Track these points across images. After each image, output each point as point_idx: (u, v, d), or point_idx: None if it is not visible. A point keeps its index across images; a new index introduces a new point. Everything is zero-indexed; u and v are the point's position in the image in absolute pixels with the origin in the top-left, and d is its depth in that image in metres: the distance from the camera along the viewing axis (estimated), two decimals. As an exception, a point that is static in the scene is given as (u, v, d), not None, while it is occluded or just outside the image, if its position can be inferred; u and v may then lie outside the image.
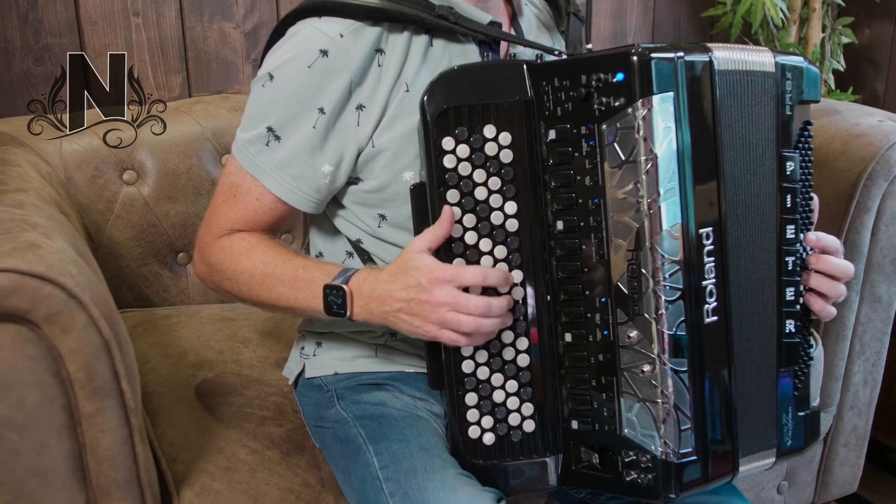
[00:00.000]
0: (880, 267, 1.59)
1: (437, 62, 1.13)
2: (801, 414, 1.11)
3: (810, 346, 1.13)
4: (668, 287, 0.97)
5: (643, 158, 0.96)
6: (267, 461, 1.21)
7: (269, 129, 1.11)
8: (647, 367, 0.99)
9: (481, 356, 1.04)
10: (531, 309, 1.05)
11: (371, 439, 1.11)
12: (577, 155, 1.00)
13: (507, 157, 1.02)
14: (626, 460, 1.01)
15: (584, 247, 1.01)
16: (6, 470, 0.96)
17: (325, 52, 1.08)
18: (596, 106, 0.97)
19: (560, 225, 1.03)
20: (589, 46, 1.26)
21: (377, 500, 1.05)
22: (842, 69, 2.28)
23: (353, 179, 1.15)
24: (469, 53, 1.15)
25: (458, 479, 1.03)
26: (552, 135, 1.01)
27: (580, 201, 1.01)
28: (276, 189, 1.12)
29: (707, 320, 1.00)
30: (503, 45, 1.19)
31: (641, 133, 0.95)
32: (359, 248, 1.19)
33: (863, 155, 1.53)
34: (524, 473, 1.07)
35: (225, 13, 1.83)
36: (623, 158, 0.97)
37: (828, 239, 1.11)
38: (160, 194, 1.62)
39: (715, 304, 1.01)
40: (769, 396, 1.08)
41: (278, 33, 1.15)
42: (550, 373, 1.06)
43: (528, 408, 1.06)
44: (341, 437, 1.15)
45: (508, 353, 1.05)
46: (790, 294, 1.08)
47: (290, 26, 1.13)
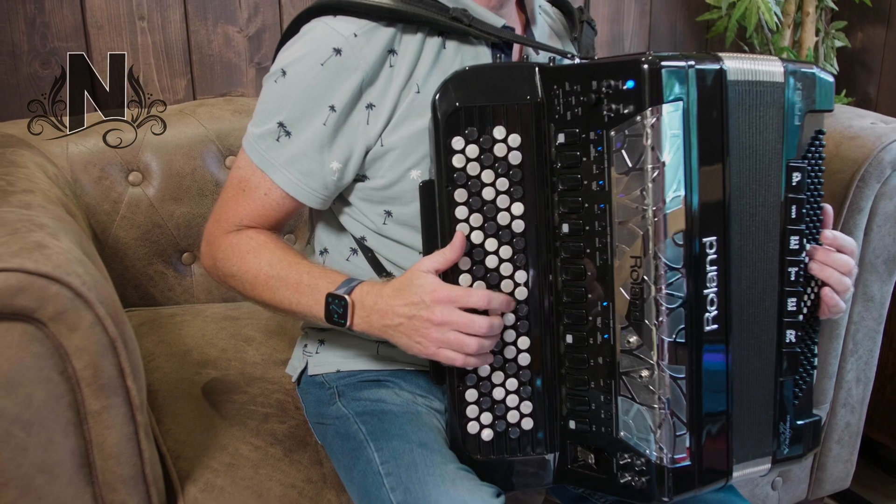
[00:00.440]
0: (873, 267, 1.59)
1: (449, 65, 1.13)
2: (799, 423, 1.11)
3: (814, 355, 1.13)
4: (669, 294, 0.97)
5: (650, 167, 0.95)
6: (270, 457, 1.21)
7: (280, 125, 1.11)
8: (645, 372, 0.99)
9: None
10: (534, 309, 1.05)
11: (372, 435, 1.11)
12: (584, 159, 1.00)
13: (515, 158, 1.02)
14: (621, 462, 1.02)
15: (588, 250, 1.01)
16: (13, 466, 0.97)
17: (338, 51, 1.08)
18: (605, 112, 0.97)
19: (566, 228, 1.02)
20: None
21: (378, 495, 1.05)
22: (835, 72, 2.28)
23: (360, 177, 1.15)
24: (481, 56, 1.14)
25: (457, 474, 1.03)
26: (561, 138, 1.01)
27: (586, 205, 1.00)
28: (285, 184, 1.12)
29: (707, 328, 1.00)
30: (515, 50, 1.19)
31: (649, 141, 0.95)
32: (363, 246, 1.19)
33: (855, 157, 1.53)
34: (522, 469, 1.08)
35: (229, 17, 1.84)
36: (630, 165, 0.96)
37: (844, 239, 1.11)
38: (165, 195, 1.63)
39: (715, 312, 1.01)
40: (766, 405, 1.08)
41: (292, 30, 1.15)
42: (551, 373, 1.06)
43: (527, 406, 1.06)
44: (343, 433, 1.16)
45: (509, 351, 1.06)
46: (791, 304, 1.08)
47: (305, 24, 1.13)
